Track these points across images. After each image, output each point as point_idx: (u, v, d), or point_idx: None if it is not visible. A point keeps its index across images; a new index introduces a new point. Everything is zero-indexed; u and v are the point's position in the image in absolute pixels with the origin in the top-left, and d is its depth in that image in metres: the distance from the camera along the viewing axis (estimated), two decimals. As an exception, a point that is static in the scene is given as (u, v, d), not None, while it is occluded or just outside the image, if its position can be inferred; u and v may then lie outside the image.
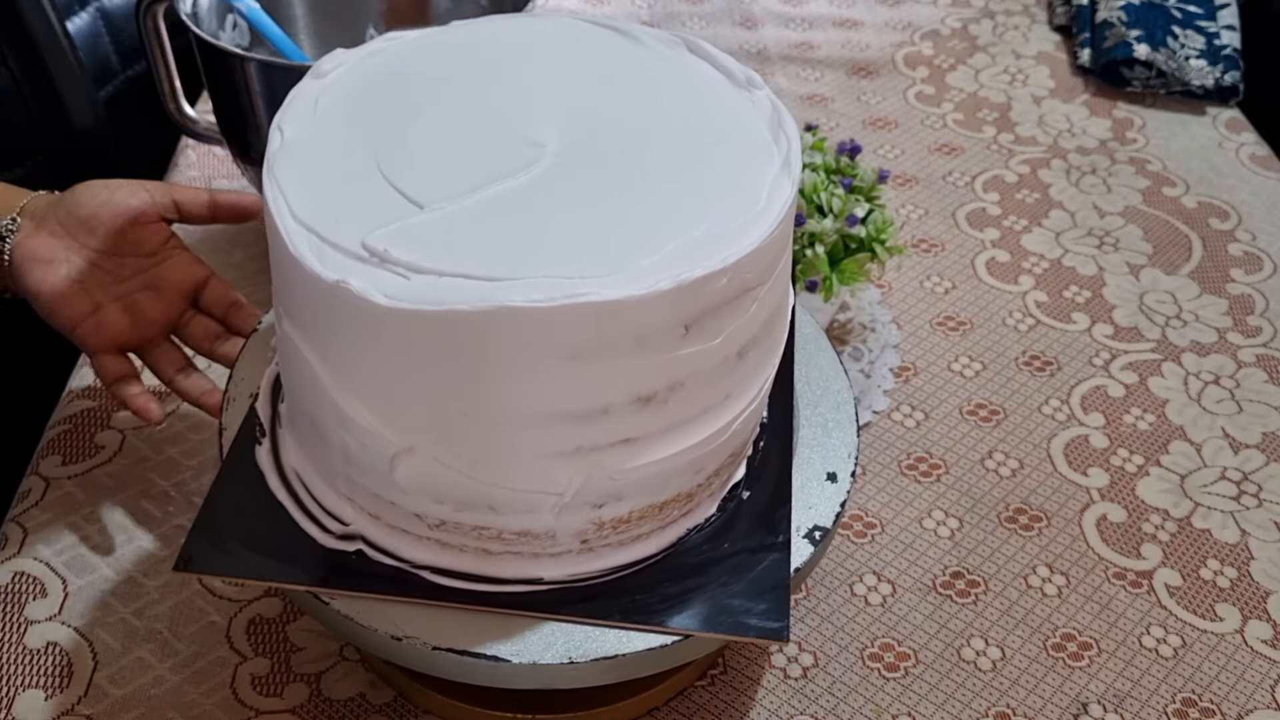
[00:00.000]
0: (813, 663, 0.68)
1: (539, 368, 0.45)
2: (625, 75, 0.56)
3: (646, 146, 0.52)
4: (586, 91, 0.55)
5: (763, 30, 1.27)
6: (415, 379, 0.47)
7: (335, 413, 0.50)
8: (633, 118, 0.53)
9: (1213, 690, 0.68)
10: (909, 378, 0.87)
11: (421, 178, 0.49)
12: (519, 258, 0.46)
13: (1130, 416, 0.84)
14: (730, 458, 0.56)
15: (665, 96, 0.55)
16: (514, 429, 0.48)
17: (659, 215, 0.48)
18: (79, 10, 1.03)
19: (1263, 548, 0.75)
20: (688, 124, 0.53)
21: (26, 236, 0.67)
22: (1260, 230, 1.02)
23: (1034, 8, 1.32)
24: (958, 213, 1.03)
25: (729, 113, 0.54)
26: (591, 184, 0.50)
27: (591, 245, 0.47)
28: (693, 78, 0.56)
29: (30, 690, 0.64)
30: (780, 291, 0.53)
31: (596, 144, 0.52)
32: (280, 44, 0.83)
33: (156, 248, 0.69)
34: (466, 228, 0.47)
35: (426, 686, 0.63)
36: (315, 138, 0.51)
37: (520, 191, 0.49)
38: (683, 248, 0.46)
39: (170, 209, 0.69)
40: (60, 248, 0.67)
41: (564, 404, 0.47)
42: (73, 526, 0.73)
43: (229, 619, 0.68)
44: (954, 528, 0.76)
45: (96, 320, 0.68)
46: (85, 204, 0.67)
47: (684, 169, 0.51)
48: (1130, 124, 1.14)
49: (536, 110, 0.53)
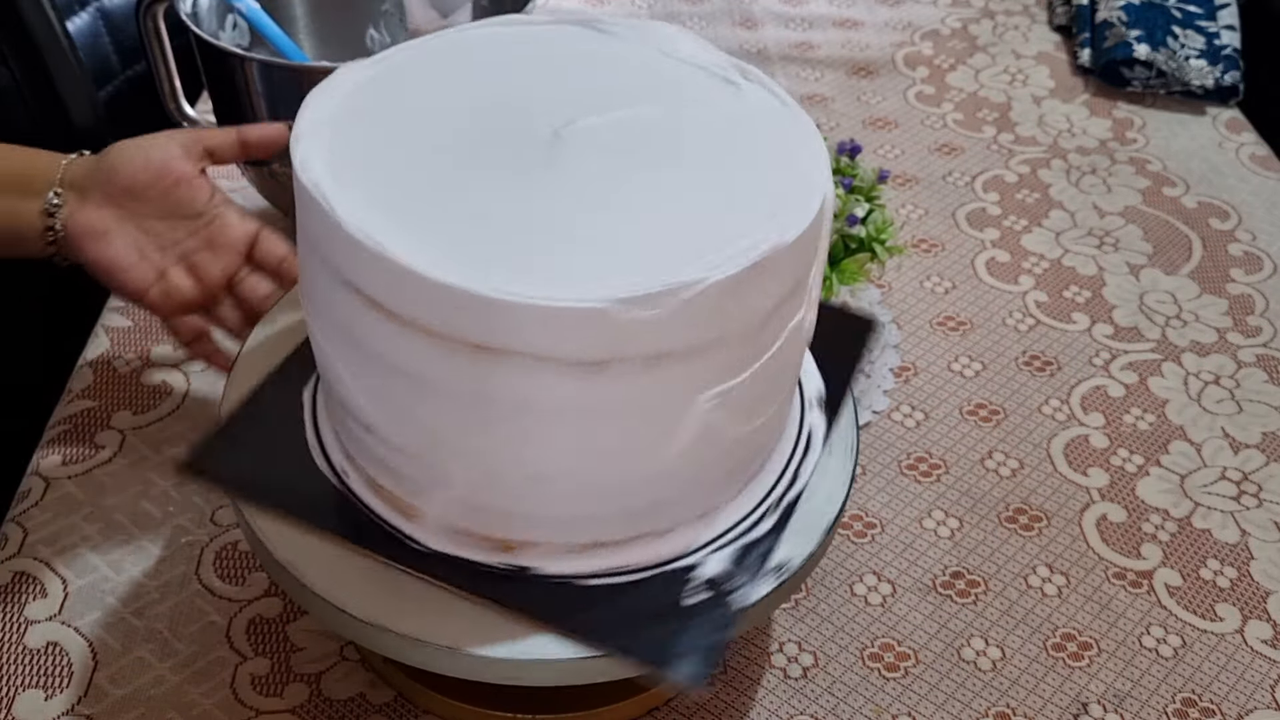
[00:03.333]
0: (813, 663, 0.68)
1: (560, 365, 0.46)
2: (622, 72, 0.56)
3: (659, 146, 0.52)
4: (589, 90, 0.55)
5: (763, 30, 1.27)
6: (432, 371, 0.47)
7: (357, 391, 0.51)
8: (645, 114, 0.53)
9: (1213, 690, 0.68)
10: (909, 378, 0.87)
11: (433, 180, 0.49)
12: (536, 258, 0.46)
13: (1130, 416, 0.84)
14: (747, 461, 0.56)
15: (676, 96, 0.55)
16: (537, 429, 0.48)
17: (677, 212, 0.49)
18: (79, 10, 1.03)
19: (1263, 548, 0.75)
20: (698, 123, 0.53)
21: (74, 210, 0.67)
22: (1260, 230, 1.02)
23: (1034, 8, 1.32)
24: (958, 213, 1.03)
25: (727, 105, 0.54)
26: (607, 183, 0.50)
27: (611, 244, 0.47)
28: (700, 75, 0.56)
29: (30, 690, 0.64)
30: (806, 295, 0.53)
31: (610, 143, 0.52)
32: (280, 44, 0.83)
33: (203, 206, 0.69)
34: (478, 230, 0.47)
35: (427, 686, 0.63)
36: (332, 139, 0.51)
37: (537, 191, 0.49)
38: (710, 242, 0.47)
39: (203, 156, 0.69)
40: (110, 219, 0.67)
41: (597, 399, 0.47)
42: (73, 526, 0.73)
43: (229, 619, 0.68)
44: (954, 528, 0.76)
45: (164, 287, 0.68)
46: (123, 170, 0.67)
47: (699, 167, 0.51)
48: (1130, 124, 1.14)
49: (540, 111, 0.53)
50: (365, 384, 0.51)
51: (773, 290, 0.49)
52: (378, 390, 0.50)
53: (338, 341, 0.51)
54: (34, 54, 0.92)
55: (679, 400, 0.49)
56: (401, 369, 0.48)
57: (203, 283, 0.69)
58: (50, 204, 0.67)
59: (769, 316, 0.49)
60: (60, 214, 0.67)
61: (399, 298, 0.46)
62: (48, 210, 0.67)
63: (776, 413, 0.56)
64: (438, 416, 0.49)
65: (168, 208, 0.68)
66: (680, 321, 0.46)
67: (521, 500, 0.51)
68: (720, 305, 0.46)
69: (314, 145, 0.50)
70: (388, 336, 0.47)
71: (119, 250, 0.67)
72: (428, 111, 0.53)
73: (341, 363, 0.52)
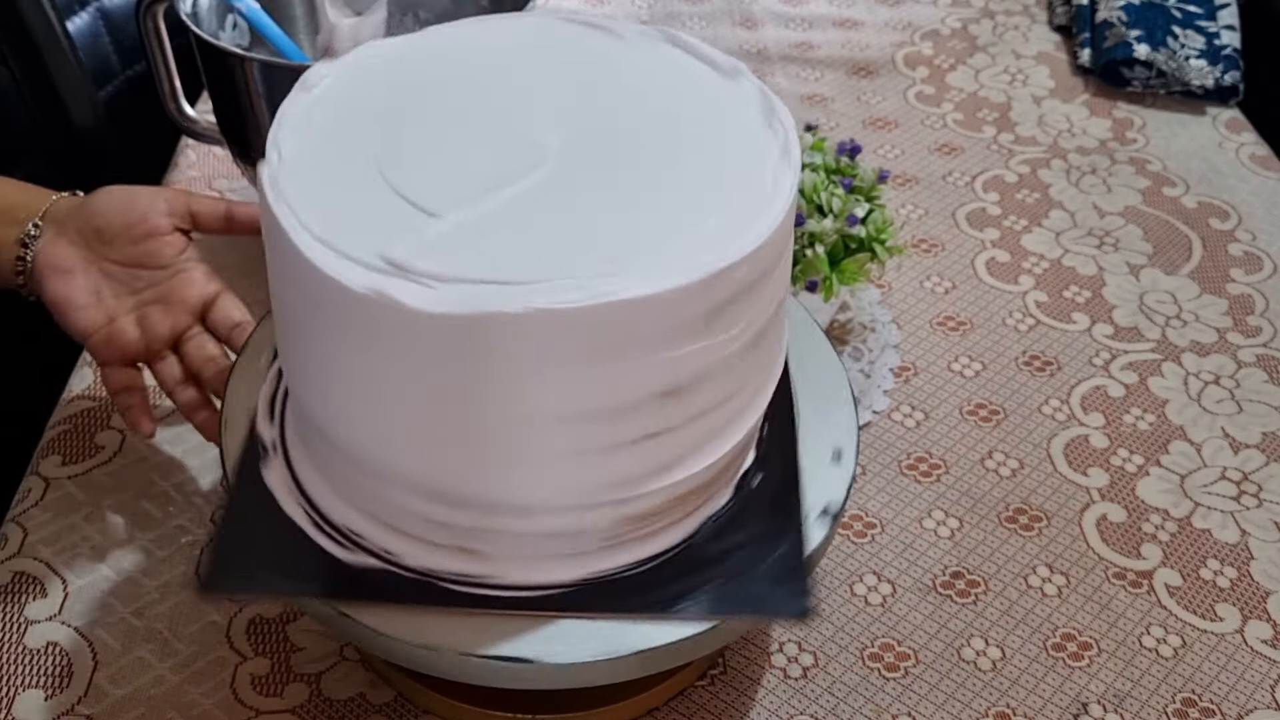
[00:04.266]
0: (813, 663, 0.68)
1: (566, 368, 0.46)
2: (612, 71, 0.56)
3: (645, 142, 0.52)
4: (578, 90, 0.55)
5: (763, 30, 1.27)
6: (445, 386, 0.47)
7: (356, 426, 0.50)
8: (627, 114, 0.54)
9: (1213, 690, 0.68)
10: (909, 378, 0.87)
11: (428, 186, 0.49)
12: (541, 260, 0.46)
13: (1130, 416, 0.84)
14: (744, 444, 0.56)
15: (655, 90, 0.55)
16: (542, 430, 0.48)
17: (669, 210, 0.49)
18: (79, 10, 1.03)
19: (1263, 548, 0.75)
20: (681, 116, 0.53)
21: (48, 244, 0.67)
22: (1260, 230, 1.02)
23: (1034, 8, 1.32)
24: (958, 213, 1.03)
25: (719, 103, 0.54)
26: (597, 182, 0.50)
27: (609, 243, 0.47)
28: (679, 70, 0.56)
29: (30, 690, 0.64)
30: (785, 279, 0.54)
31: (596, 142, 0.52)
32: (280, 44, 0.83)
33: (170, 260, 0.69)
34: (483, 233, 0.47)
35: (427, 686, 0.63)
36: (314, 152, 0.51)
37: (529, 194, 0.49)
38: (699, 240, 0.47)
39: (186, 219, 0.69)
40: (78, 258, 0.67)
41: (590, 402, 0.47)
42: (73, 526, 0.73)
43: (229, 619, 0.68)
44: (954, 528, 0.76)
45: (109, 332, 0.68)
46: (102, 213, 0.67)
47: (684, 161, 0.51)
48: (1130, 124, 1.14)
49: (532, 111, 0.53)
50: (347, 407, 0.50)
51: (762, 277, 0.49)
52: (364, 412, 0.50)
53: (318, 371, 0.51)
54: (34, 54, 0.92)
55: (682, 395, 0.49)
56: (387, 385, 0.48)
57: (147, 336, 0.68)
58: (28, 234, 0.67)
59: (766, 304, 0.50)
60: (33, 245, 0.67)
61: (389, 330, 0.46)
62: (23, 240, 0.67)
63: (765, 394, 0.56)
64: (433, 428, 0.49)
65: (135, 257, 0.68)
66: (685, 318, 0.46)
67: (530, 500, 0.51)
68: (724, 300, 0.46)
69: (284, 170, 0.49)
70: (366, 355, 0.47)
71: (76, 289, 0.67)
72: (423, 112, 0.53)
73: (324, 392, 0.51)
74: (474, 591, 0.53)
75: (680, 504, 0.54)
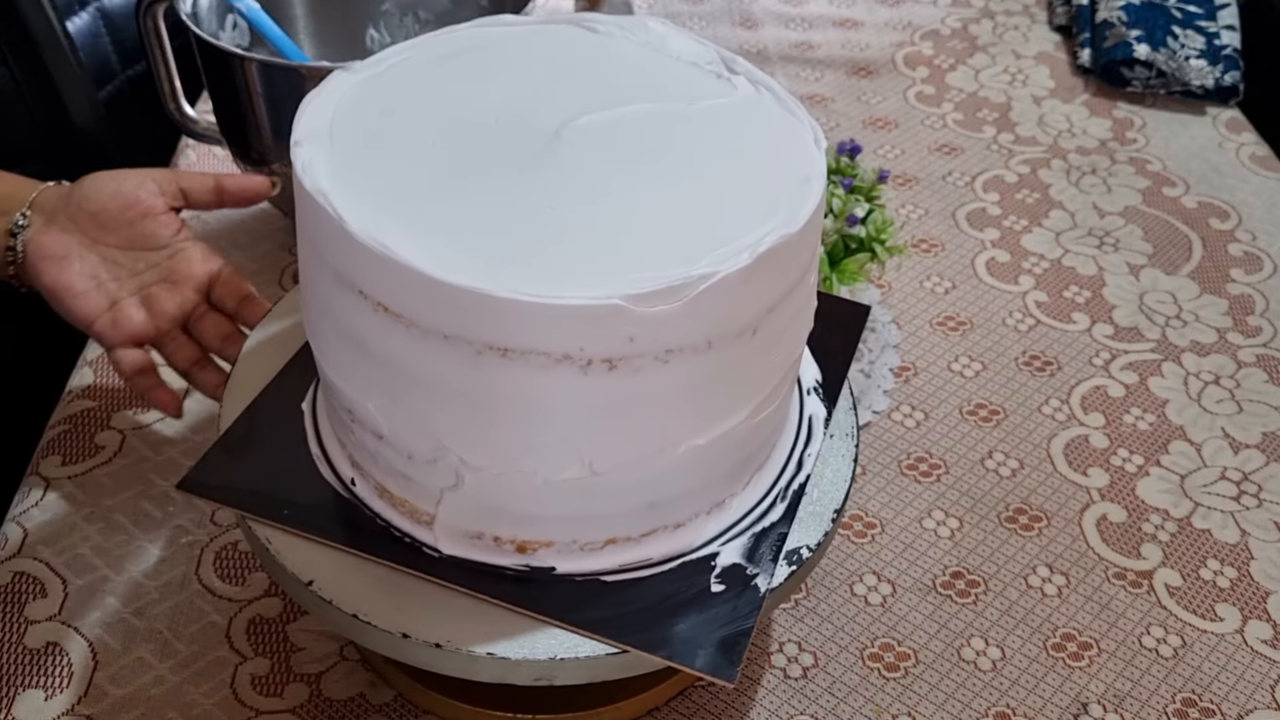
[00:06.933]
0: (813, 663, 0.68)
1: (589, 361, 0.46)
2: (617, 70, 0.56)
3: (664, 138, 0.53)
4: (585, 89, 0.55)
5: (763, 30, 1.27)
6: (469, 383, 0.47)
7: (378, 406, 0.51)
8: (641, 110, 0.54)
9: (1213, 690, 0.68)
10: (909, 378, 0.87)
11: (443, 183, 0.49)
12: (573, 256, 0.46)
13: (1130, 416, 0.84)
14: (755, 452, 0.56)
15: (654, 88, 0.55)
16: (557, 421, 0.48)
17: (707, 201, 0.49)
18: (79, 10, 1.03)
19: (1263, 548, 0.75)
20: (691, 112, 0.54)
21: (38, 233, 0.67)
22: (1260, 230, 1.02)
23: (1034, 8, 1.32)
24: (958, 213, 1.03)
25: (719, 98, 0.55)
26: (622, 175, 0.50)
27: (647, 235, 0.48)
28: (677, 67, 0.57)
29: (30, 690, 0.64)
30: (813, 275, 0.54)
31: (615, 137, 0.52)
32: (280, 44, 0.83)
33: (168, 240, 0.69)
34: (503, 230, 0.47)
35: (427, 686, 0.63)
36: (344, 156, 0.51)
37: (548, 188, 0.49)
38: (756, 222, 0.48)
39: (177, 196, 0.69)
40: (72, 244, 0.67)
41: (610, 396, 0.48)
42: (73, 526, 0.73)
43: (229, 619, 0.68)
44: (954, 528, 0.76)
45: (113, 315, 0.68)
46: (93, 198, 0.67)
47: (703, 153, 0.52)
48: (1130, 124, 1.14)
49: (540, 108, 0.53)
50: (373, 389, 0.51)
51: (780, 281, 0.49)
52: (386, 395, 0.50)
53: (344, 348, 0.51)
54: (34, 54, 0.92)
55: (690, 394, 0.49)
56: (411, 372, 0.48)
57: (156, 317, 0.68)
58: (16, 225, 0.67)
59: (777, 306, 0.50)
60: (22, 235, 0.67)
61: (408, 301, 0.46)
62: (11, 230, 0.67)
63: (782, 401, 0.56)
64: (448, 419, 0.49)
65: (131, 239, 0.68)
66: (692, 315, 0.46)
67: (536, 501, 0.51)
68: (731, 298, 0.47)
69: (315, 150, 0.50)
70: (397, 340, 0.47)
71: (73, 276, 0.67)
72: (426, 114, 0.53)
73: (348, 369, 0.52)
74: (456, 556, 0.54)
75: (683, 502, 0.54)
